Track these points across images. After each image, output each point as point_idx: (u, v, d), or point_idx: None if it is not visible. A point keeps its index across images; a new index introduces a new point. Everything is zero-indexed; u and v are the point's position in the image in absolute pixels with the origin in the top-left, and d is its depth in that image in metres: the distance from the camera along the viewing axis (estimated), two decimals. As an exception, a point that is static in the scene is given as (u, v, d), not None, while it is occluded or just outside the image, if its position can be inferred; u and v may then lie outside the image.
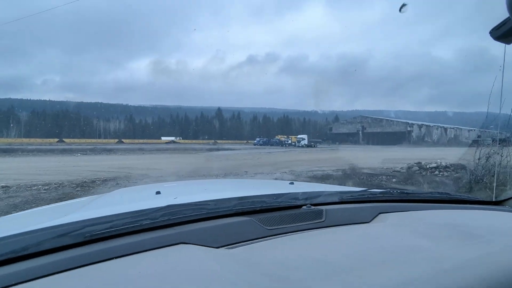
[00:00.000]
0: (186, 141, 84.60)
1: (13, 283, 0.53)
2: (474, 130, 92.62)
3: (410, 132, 70.33)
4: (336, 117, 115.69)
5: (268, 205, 0.95)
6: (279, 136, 70.51)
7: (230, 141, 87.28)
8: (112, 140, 73.46)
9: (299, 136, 61.27)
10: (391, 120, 74.85)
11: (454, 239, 0.77)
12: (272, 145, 61.96)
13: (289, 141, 61.01)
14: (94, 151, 29.75)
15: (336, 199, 1.10)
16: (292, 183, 1.71)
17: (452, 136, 78.89)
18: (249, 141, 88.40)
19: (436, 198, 1.28)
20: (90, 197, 1.63)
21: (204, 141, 79.00)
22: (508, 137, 7.47)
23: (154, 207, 0.84)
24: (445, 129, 79.61)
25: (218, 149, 36.08)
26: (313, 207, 0.96)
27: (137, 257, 0.64)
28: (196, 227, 0.79)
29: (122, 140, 73.37)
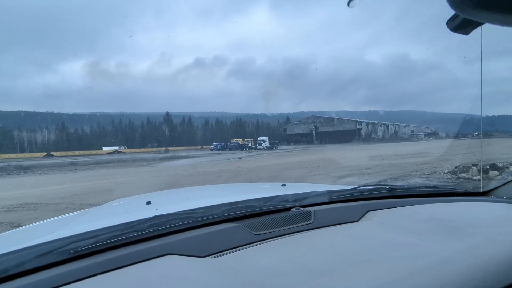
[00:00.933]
0: (133, 150, 75.46)
1: None
2: (408, 126, 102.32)
3: (359, 130, 72.96)
4: (288, 118, 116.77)
5: (257, 209, 0.93)
6: (235, 139, 66.76)
7: (182, 148, 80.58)
8: (38, 154, 61.18)
9: (259, 138, 58.36)
10: (341, 119, 76.99)
11: (438, 234, 0.79)
12: (231, 149, 57.98)
13: (249, 144, 57.69)
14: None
15: (325, 199, 1.09)
16: (284, 185, 1.66)
17: (393, 132, 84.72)
18: (204, 147, 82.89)
19: (424, 192, 1.29)
20: (82, 210, 1.58)
21: (154, 149, 71.21)
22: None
23: (141, 219, 0.82)
24: (387, 126, 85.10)
25: (173, 158, 30.94)
26: (302, 208, 0.95)
27: (122, 271, 0.62)
28: (182, 237, 0.77)
29: (52, 153, 61.66)
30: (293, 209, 0.94)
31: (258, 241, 0.76)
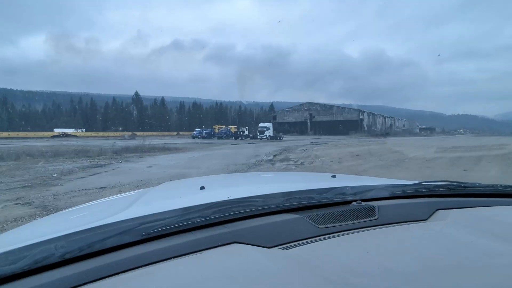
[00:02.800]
0: (90, 133, 59.36)
1: (84, 282, 0.52)
2: (400, 119, 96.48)
3: (362, 120, 63.50)
4: (272, 105, 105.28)
5: (316, 201, 0.89)
6: (218, 126, 53.66)
7: (154, 133, 65.81)
8: None
9: (261, 124, 45.53)
10: (341, 107, 67.07)
11: None
12: (220, 137, 45.15)
13: (246, 132, 45.11)
14: None
15: (386, 194, 1.01)
16: (334, 176, 1.57)
17: (389, 125, 77.10)
18: (181, 133, 68.74)
19: (499, 192, 1.11)
20: (138, 191, 1.58)
21: (118, 133, 55.84)
22: None
23: (204, 203, 0.82)
24: (385, 118, 77.18)
25: (139, 149, 17.98)
26: (363, 203, 0.89)
27: (194, 257, 0.62)
28: (247, 225, 0.75)
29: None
30: (353, 203, 0.88)
31: (322, 235, 0.72)
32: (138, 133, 62.73)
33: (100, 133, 57.97)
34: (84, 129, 71.45)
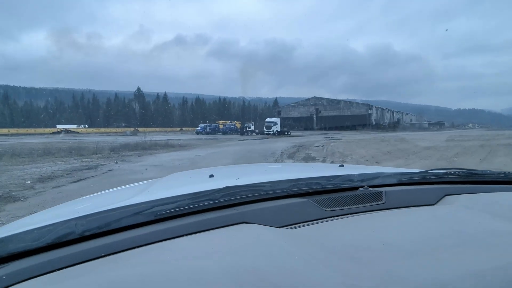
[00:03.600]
0: (92, 130, 57.73)
1: (103, 254, 0.56)
2: (408, 114, 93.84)
3: (370, 115, 61.19)
4: (276, 100, 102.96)
5: (323, 186, 0.89)
6: (222, 121, 51.74)
7: (156, 129, 64.11)
8: None
9: (268, 120, 43.31)
10: (349, 102, 64.64)
11: None
12: (225, 132, 43.27)
13: (252, 128, 43.16)
14: None
15: (394, 181, 1.00)
16: (342, 166, 1.60)
17: (396, 119, 74.65)
18: (184, 129, 66.98)
19: (510, 179, 1.08)
20: (148, 181, 1.59)
21: (120, 129, 54.20)
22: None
23: (213, 189, 0.82)
24: (393, 112, 74.72)
25: (140, 147, 16.18)
26: (370, 189, 0.88)
27: (205, 235, 0.64)
28: (255, 207, 0.77)
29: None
30: (361, 189, 0.88)
31: (329, 217, 0.73)
32: (140, 129, 61.00)
33: (102, 129, 56.34)
34: (86, 125, 70.11)
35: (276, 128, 39.85)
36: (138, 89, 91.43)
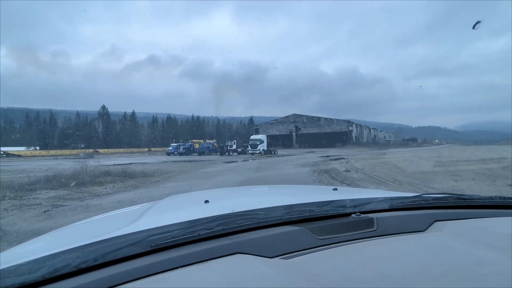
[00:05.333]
0: (41, 152, 48.18)
1: None
2: (382, 131, 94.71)
3: (351, 132, 58.96)
4: (251, 119, 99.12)
5: (316, 213, 0.90)
6: (196, 140, 45.69)
7: (120, 150, 55.94)
8: None
9: (253, 137, 37.98)
10: (330, 119, 62.09)
11: None
12: (202, 153, 37.07)
13: (233, 147, 37.46)
14: None
15: (386, 206, 1.01)
16: (335, 189, 1.58)
17: (373, 136, 73.92)
18: (153, 149, 59.36)
19: (498, 203, 1.09)
20: (144, 204, 1.59)
21: (76, 151, 45.45)
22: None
23: (208, 217, 0.84)
24: (369, 129, 73.93)
25: (79, 184, 9.86)
26: (362, 215, 0.90)
27: (200, 266, 0.64)
28: (249, 236, 0.77)
29: None
30: (353, 215, 0.89)
31: (321, 246, 0.74)
32: (101, 151, 52.45)
33: (53, 152, 47.05)
34: (37, 147, 59.78)
35: (263, 146, 34.93)
36: (103, 107, 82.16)
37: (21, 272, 0.61)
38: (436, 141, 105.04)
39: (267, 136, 40.52)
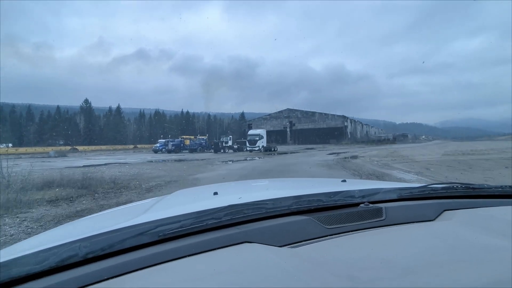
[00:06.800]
0: (7, 150, 42.45)
1: (106, 277, 0.55)
2: (373, 127, 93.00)
3: (346, 127, 56.18)
4: (242, 114, 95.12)
5: (325, 203, 0.89)
6: (186, 136, 41.43)
7: (103, 147, 50.84)
8: None
9: (251, 132, 34.01)
10: (325, 114, 59.08)
11: None
12: (194, 150, 32.94)
13: (229, 143, 33.45)
14: None
15: (394, 196, 1.00)
16: (344, 181, 1.59)
17: (365, 132, 71.78)
18: (138, 146, 54.51)
19: (507, 192, 1.07)
20: (153, 198, 1.57)
21: (51, 148, 40.21)
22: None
23: (217, 207, 0.83)
24: (362, 125, 71.69)
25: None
26: (371, 205, 0.88)
27: (207, 255, 0.64)
28: (257, 226, 0.76)
29: None
30: (361, 205, 0.88)
31: (330, 235, 0.73)
32: (81, 148, 47.08)
33: (23, 150, 41.53)
34: (10, 144, 53.57)
35: (262, 142, 31.22)
36: (86, 101, 75.77)
37: (28, 262, 0.60)
38: (423, 137, 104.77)
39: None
